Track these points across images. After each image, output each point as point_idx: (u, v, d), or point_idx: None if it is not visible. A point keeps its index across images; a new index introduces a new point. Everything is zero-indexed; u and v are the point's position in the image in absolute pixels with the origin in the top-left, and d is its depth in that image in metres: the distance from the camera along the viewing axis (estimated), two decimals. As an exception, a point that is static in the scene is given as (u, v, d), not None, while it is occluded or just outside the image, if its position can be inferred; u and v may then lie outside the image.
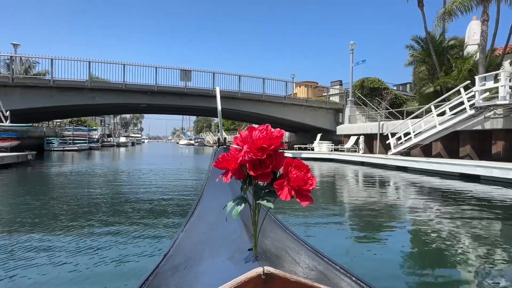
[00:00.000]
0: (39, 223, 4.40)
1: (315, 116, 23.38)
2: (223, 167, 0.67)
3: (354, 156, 17.34)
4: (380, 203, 6.60)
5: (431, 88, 21.34)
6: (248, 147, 0.63)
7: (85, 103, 18.13)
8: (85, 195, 6.77)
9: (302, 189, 0.63)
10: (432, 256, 3.54)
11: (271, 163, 0.64)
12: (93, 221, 4.47)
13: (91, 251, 3.25)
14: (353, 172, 13.45)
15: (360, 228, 4.79)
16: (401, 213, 5.83)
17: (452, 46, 20.77)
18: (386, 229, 4.70)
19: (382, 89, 23.46)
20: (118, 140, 53.23)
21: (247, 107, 21.43)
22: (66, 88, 17.12)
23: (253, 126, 0.68)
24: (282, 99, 22.09)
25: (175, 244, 1.13)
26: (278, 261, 0.68)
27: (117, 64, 17.62)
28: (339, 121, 23.64)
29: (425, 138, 14.12)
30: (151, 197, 6.63)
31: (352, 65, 22.75)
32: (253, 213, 0.67)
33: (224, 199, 0.94)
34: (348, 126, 22.24)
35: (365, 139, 19.13)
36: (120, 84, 17.72)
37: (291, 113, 22.75)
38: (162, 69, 18.72)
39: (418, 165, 12.30)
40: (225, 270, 0.68)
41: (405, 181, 10.22)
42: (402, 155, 15.53)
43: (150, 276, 0.90)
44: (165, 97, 19.44)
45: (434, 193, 8.03)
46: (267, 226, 0.88)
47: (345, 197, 7.72)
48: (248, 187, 0.67)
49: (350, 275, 0.87)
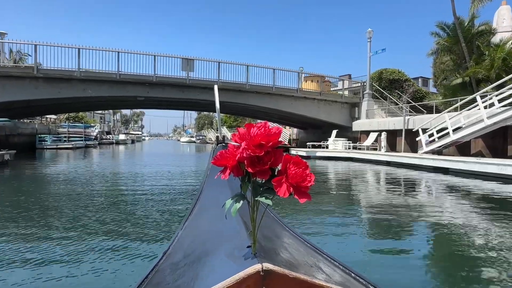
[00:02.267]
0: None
1: (329, 111, 21.41)
2: (221, 164, 0.66)
3: (378, 155, 15.36)
4: (423, 214, 5.20)
5: (458, 79, 19.33)
6: (246, 144, 0.63)
7: (75, 96, 16.18)
8: (64, 205, 5.60)
9: (300, 185, 0.63)
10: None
11: (269, 160, 0.63)
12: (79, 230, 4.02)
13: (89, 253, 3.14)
14: (379, 173, 11.50)
15: (396, 244, 3.88)
16: (456, 228, 4.31)
17: (482, 32, 18.70)
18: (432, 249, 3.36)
19: (402, 81, 21.43)
20: (117, 138, 51.64)
21: (255, 101, 19.47)
22: (53, 78, 15.18)
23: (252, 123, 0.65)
24: (294, 92, 20.08)
25: (174, 242, 1.13)
26: (277, 257, 0.67)
27: (110, 51, 15.63)
28: (354, 116, 21.65)
29: (467, 134, 12.14)
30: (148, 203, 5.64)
31: (369, 54, 20.72)
32: (252, 210, 0.66)
33: (223, 196, 1.00)
34: (366, 121, 20.25)
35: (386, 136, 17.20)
36: (114, 74, 15.74)
37: (303, 107, 20.78)
38: (162, 57, 16.73)
39: (466, 166, 10.31)
40: (224, 267, 0.67)
41: (452, 187, 8.26)
42: (434, 154, 13.58)
43: (150, 274, 0.90)
44: (165, 89, 17.49)
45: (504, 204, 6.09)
46: (265, 223, 0.86)
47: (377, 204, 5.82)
48: (247, 184, 0.66)
49: (349, 271, 0.86)
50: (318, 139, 21.89)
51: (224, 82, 17.92)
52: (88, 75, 15.44)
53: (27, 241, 3.54)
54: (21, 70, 15.16)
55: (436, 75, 23.84)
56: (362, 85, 21.60)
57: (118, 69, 15.74)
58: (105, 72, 15.75)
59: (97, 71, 15.61)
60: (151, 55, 16.42)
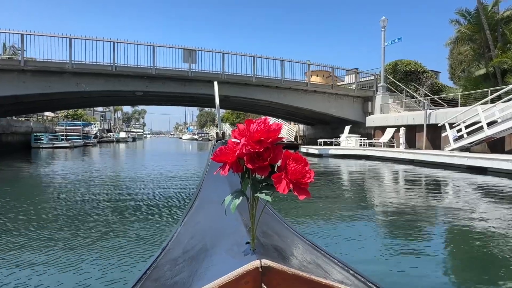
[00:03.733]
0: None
1: (340, 105, 20.04)
2: (221, 160, 0.66)
3: (400, 153, 14.02)
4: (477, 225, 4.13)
5: (481, 70, 17.93)
6: (246, 140, 0.63)
7: (68, 91, 14.89)
8: (58, 204, 5.48)
9: (300, 182, 0.62)
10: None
11: (269, 156, 0.62)
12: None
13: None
14: (404, 173, 10.16)
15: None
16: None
17: (508, 18, 17.24)
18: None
19: (420, 73, 19.99)
20: (118, 136, 50.63)
21: (261, 95, 18.12)
22: (43, 72, 13.88)
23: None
24: (303, 85, 18.69)
25: (173, 238, 1.13)
26: (276, 254, 0.67)
27: (105, 41, 14.30)
28: (367, 111, 20.27)
29: (506, 129, 10.78)
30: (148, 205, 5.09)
31: (384, 44, 19.32)
32: (251, 207, 0.66)
33: (222, 193, 0.97)
34: (381, 116, 18.88)
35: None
36: (109, 67, 14.41)
37: (313, 102, 19.42)
38: (161, 48, 15.33)
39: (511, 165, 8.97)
40: (223, 263, 0.67)
41: (501, 191, 6.94)
42: (463, 151, 12.26)
43: (149, 270, 0.90)
44: (165, 83, 16.17)
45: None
46: (264, 220, 0.86)
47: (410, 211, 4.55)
48: (247, 181, 0.66)
49: (347, 268, 0.86)
50: (327, 136, 20.58)
51: (229, 75, 16.56)
52: (81, 67, 14.11)
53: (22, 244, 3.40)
54: (6, 62, 13.86)
55: (453, 66, 22.40)
56: (375, 78, 20.20)
57: (114, 61, 14.42)
58: (100, 65, 14.43)
59: (91, 63, 14.28)
60: (150, 46, 15.05)
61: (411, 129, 16.30)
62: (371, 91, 20.17)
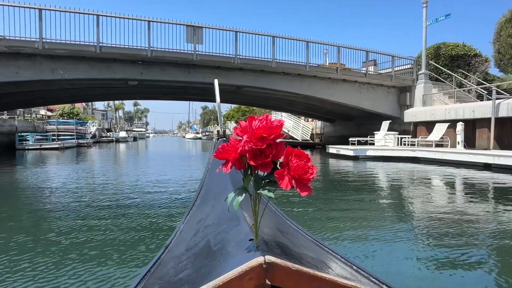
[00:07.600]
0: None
1: (373, 97, 16.84)
2: (223, 158, 0.66)
3: (467, 155, 10.82)
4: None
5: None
6: (248, 137, 0.62)
7: (42, 79, 11.84)
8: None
9: (302, 178, 0.62)
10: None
11: (271, 152, 0.62)
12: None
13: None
14: (484, 185, 7.01)
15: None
16: None
17: None
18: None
19: (470, 57, 16.74)
20: (117, 135, 47.83)
21: (282, 85, 14.96)
22: (6, 54, 10.84)
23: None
24: (332, 72, 15.49)
25: (176, 235, 1.12)
26: (279, 250, 0.67)
27: (86, 14, 11.18)
28: (405, 103, 17.07)
29: None
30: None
31: (426, 23, 16.08)
32: (254, 203, 0.66)
33: (225, 190, 1.00)
34: (426, 109, 15.67)
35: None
36: (92, 47, 11.29)
37: (341, 93, 16.26)
38: (159, 24, 12.21)
39: None
40: (226, 260, 0.67)
41: None
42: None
43: (152, 267, 0.90)
44: (165, 69, 13.07)
45: None
46: (268, 216, 0.86)
47: None
48: (249, 177, 0.66)
49: (351, 264, 0.86)
50: (350, 134, 17.46)
51: (243, 59, 13.40)
52: (56, 47, 10.99)
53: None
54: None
55: (502, 51, 19.11)
56: (415, 63, 16.97)
57: (98, 40, 11.31)
58: (80, 44, 11.31)
59: (68, 43, 11.18)
60: (144, 21, 11.89)
61: (467, 125, 13.17)
62: (410, 80, 16.95)
